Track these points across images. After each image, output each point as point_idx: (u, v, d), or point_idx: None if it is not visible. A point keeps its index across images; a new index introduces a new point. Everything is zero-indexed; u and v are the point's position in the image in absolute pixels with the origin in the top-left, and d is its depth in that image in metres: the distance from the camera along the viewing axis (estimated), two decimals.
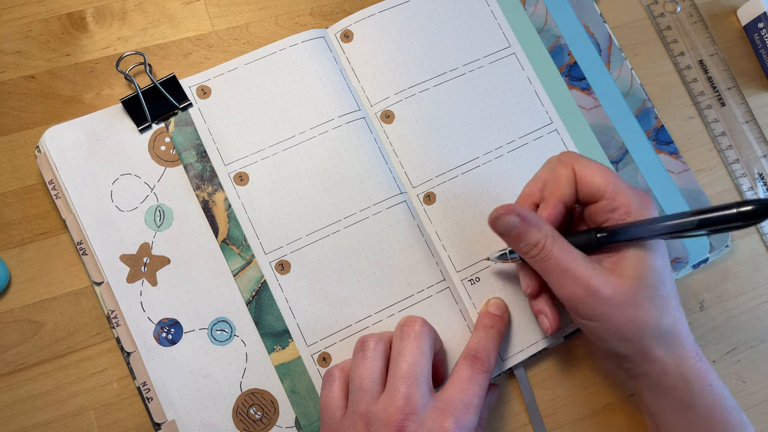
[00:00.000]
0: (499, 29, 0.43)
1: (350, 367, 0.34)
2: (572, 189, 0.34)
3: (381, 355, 0.33)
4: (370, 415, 0.31)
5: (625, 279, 0.32)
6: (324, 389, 0.34)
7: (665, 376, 0.33)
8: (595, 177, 0.33)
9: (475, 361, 0.34)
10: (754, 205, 0.28)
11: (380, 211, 0.39)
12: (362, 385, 0.32)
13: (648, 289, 0.32)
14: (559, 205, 0.34)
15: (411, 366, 0.32)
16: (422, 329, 0.34)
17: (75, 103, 0.39)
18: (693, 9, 0.47)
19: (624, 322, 0.32)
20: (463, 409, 0.32)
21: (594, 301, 0.32)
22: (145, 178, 0.38)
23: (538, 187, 0.35)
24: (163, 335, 0.36)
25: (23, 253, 0.37)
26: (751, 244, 0.43)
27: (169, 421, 0.35)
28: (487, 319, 0.37)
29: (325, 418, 0.33)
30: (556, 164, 0.34)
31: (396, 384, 0.32)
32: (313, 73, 0.40)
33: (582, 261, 0.32)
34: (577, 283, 0.32)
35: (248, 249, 0.37)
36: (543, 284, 0.36)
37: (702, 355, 0.33)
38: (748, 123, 0.45)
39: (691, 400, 0.33)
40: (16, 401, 0.35)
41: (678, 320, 0.33)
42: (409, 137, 0.40)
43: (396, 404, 0.31)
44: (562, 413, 0.39)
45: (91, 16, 0.40)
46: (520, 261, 0.36)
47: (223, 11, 0.42)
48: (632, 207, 0.32)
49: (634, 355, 0.33)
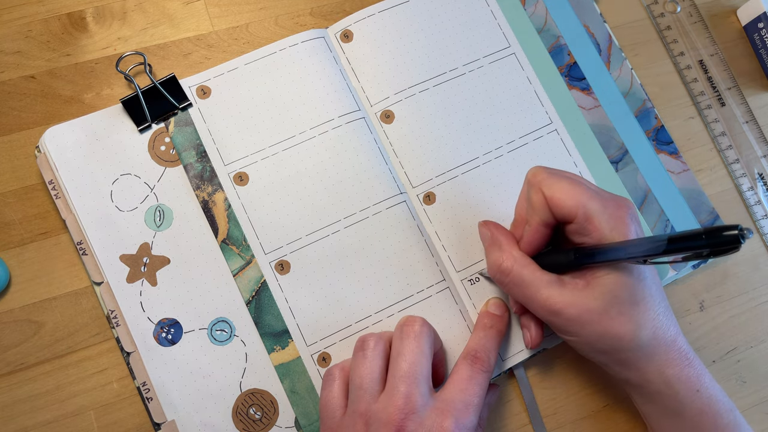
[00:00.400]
0: (499, 29, 0.43)
1: (350, 367, 0.34)
2: (547, 212, 0.33)
3: (381, 355, 0.33)
4: (369, 414, 0.31)
5: (595, 297, 0.31)
6: (324, 389, 0.34)
7: (648, 384, 0.33)
8: (564, 200, 0.32)
9: (475, 361, 0.34)
10: (724, 231, 0.26)
11: (380, 211, 0.39)
12: (362, 384, 0.32)
13: (620, 304, 0.31)
14: (540, 229, 0.33)
15: (411, 365, 0.32)
16: (422, 329, 0.34)
17: (75, 103, 0.39)
18: (693, 9, 0.47)
19: (596, 338, 0.32)
20: (462, 409, 0.32)
21: (561, 321, 0.32)
22: (145, 178, 0.38)
23: (524, 208, 0.35)
24: (163, 335, 0.36)
25: (23, 253, 0.37)
26: (751, 244, 0.43)
27: (169, 421, 0.35)
28: (487, 319, 0.37)
29: (324, 418, 0.33)
30: (528, 187, 0.34)
31: (396, 383, 0.32)
32: (313, 73, 0.40)
33: (545, 285, 0.32)
34: (540, 307, 0.33)
35: (248, 249, 0.37)
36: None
37: (694, 358, 0.33)
38: (748, 123, 0.45)
39: (678, 405, 0.33)
40: (16, 401, 0.35)
41: (660, 329, 0.32)
42: (409, 137, 0.40)
43: (396, 404, 0.31)
44: (562, 413, 0.39)
45: (91, 16, 0.41)
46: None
47: (223, 11, 0.42)
48: (604, 231, 0.31)
49: (614, 365, 0.33)
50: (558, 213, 0.32)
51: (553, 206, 0.32)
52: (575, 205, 0.32)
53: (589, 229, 0.32)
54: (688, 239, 0.27)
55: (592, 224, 0.32)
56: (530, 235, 0.34)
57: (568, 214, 0.32)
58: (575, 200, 0.32)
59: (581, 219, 0.32)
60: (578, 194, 0.32)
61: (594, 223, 0.31)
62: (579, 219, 0.32)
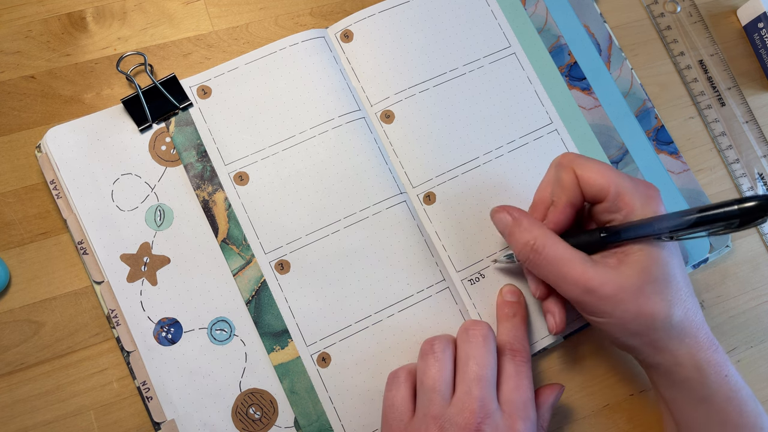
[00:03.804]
0: (499, 29, 0.43)
1: (418, 369, 0.34)
2: (577, 192, 0.34)
3: (451, 358, 0.34)
4: (444, 418, 0.31)
5: (630, 275, 0.31)
6: (389, 390, 0.34)
7: (679, 367, 0.32)
8: (597, 179, 0.33)
9: (515, 354, 0.34)
10: (756, 201, 0.27)
11: (380, 211, 0.39)
12: (435, 386, 0.32)
13: (654, 282, 0.31)
14: (567, 209, 0.34)
15: (482, 368, 0.32)
16: (489, 332, 0.34)
17: (75, 103, 0.39)
18: (693, 9, 0.47)
19: (630, 317, 0.32)
20: (523, 408, 0.32)
21: (595, 300, 0.32)
22: (146, 177, 0.38)
23: (548, 192, 0.35)
24: (163, 335, 0.36)
25: (23, 253, 0.37)
26: (751, 244, 0.43)
27: (169, 421, 0.35)
28: (508, 308, 0.37)
29: (390, 420, 0.33)
30: (557, 168, 0.34)
31: (469, 387, 0.32)
32: (313, 72, 0.40)
33: (580, 262, 0.32)
34: (575, 284, 0.32)
35: (248, 249, 0.38)
36: (550, 285, 0.36)
37: (718, 345, 0.33)
38: (748, 123, 0.45)
39: (706, 390, 0.32)
40: (16, 401, 0.35)
41: (690, 311, 0.32)
42: (409, 137, 0.40)
43: (471, 407, 0.31)
44: (562, 413, 0.39)
45: (91, 16, 0.41)
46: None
47: (223, 11, 0.42)
48: (635, 207, 0.32)
49: (646, 347, 0.33)
50: (590, 191, 0.33)
51: (585, 184, 0.33)
52: (607, 182, 0.32)
53: (620, 205, 0.32)
54: (719, 208, 0.28)
55: (623, 200, 0.32)
56: (556, 215, 0.34)
57: (599, 192, 0.33)
58: (607, 178, 0.32)
59: (613, 196, 0.32)
60: (610, 173, 0.33)
61: (625, 199, 0.32)
62: (611, 196, 0.32)
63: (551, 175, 0.35)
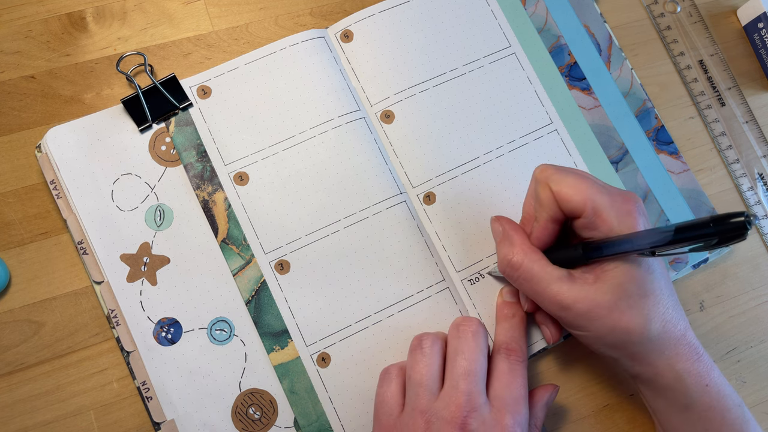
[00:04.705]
0: (499, 29, 0.43)
1: (407, 365, 0.34)
2: (555, 208, 0.33)
3: (439, 353, 0.34)
4: (431, 412, 0.32)
5: (605, 291, 0.32)
6: (381, 386, 0.34)
7: (659, 378, 0.33)
8: (572, 195, 0.32)
9: (510, 354, 0.34)
10: (733, 218, 0.26)
11: (380, 211, 0.39)
12: (422, 381, 0.33)
13: (629, 297, 0.31)
14: (548, 225, 0.33)
15: (470, 363, 0.32)
16: (479, 328, 0.34)
17: (75, 103, 0.39)
18: (693, 9, 0.47)
19: (606, 332, 0.32)
20: (514, 404, 0.32)
21: (571, 316, 0.32)
22: (146, 177, 0.38)
23: (532, 206, 0.35)
24: (163, 335, 0.36)
25: (23, 253, 0.37)
26: (751, 244, 0.43)
27: (169, 421, 0.35)
28: (507, 309, 0.37)
29: (381, 416, 0.33)
30: (536, 183, 0.34)
31: (456, 381, 0.32)
32: (313, 72, 0.40)
33: (556, 279, 0.32)
34: (550, 300, 0.33)
35: (248, 249, 0.38)
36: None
37: (702, 353, 0.33)
38: (748, 123, 0.45)
39: (687, 399, 0.33)
40: (16, 401, 0.35)
41: (669, 323, 0.32)
42: (409, 137, 0.40)
43: (458, 401, 0.31)
44: (562, 413, 0.39)
45: (91, 16, 0.41)
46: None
47: (223, 11, 0.42)
48: (613, 225, 0.31)
49: (625, 359, 0.33)
50: (566, 208, 0.32)
51: (561, 201, 0.32)
52: (583, 199, 0.32)
53: (597, 223, 0.32)
54: (695, 228, 0.27)
55: (601, 218, 0.32)
56: (539, 231, 0.34)
57: (576, 209, 0.32)
58: (583, 195, 0.32)
59: (590, 213, 0.32)
60: (586, 189, 0.32)
61: (602, 217, 0.32)
62: (587, 213, 0.32)
63: (532, 188, 0.35)
